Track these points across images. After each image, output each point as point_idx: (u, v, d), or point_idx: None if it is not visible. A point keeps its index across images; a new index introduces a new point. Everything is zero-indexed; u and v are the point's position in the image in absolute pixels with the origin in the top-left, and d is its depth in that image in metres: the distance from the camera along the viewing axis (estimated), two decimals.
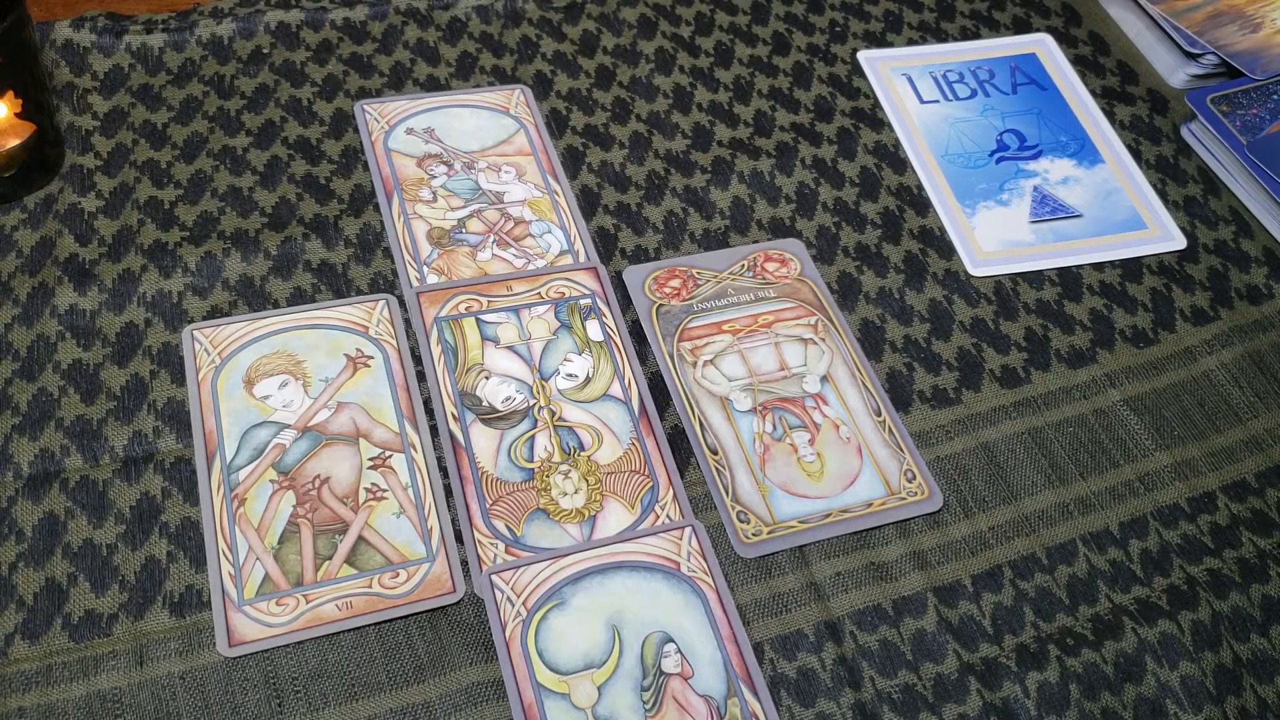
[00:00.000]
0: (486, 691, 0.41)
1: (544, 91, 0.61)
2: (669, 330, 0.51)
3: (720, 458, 0.48)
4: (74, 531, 0.43)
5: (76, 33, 0.58)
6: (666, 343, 0.51)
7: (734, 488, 0.47)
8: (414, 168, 0.56)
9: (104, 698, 0.40)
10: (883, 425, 0.50)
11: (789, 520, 0.47)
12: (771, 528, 0.46)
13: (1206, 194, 0.61)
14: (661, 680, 0.42)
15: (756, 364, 0.51)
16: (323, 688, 0.41)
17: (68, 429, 0.46)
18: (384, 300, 0.51)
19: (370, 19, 0.62)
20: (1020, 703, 0.43)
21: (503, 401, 0.48)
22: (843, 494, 0.48)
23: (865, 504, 0.47)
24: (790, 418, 0.50)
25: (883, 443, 0.50)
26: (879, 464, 0.49)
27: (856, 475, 0.48)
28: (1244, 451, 0.51)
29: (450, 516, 0.45)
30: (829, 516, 0.47)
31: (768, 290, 0.54)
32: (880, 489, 0.48)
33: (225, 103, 0.58)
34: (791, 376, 0.51)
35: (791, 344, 0.52)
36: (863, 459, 0.49)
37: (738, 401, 0.50)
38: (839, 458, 0.49)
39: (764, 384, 0.51)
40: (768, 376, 0.51)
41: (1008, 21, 0.69)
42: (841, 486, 0.48)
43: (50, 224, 0.51)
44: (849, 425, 0.50)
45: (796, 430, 0.49)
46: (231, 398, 0.47)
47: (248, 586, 0.42)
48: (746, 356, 0.51)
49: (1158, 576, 0.47)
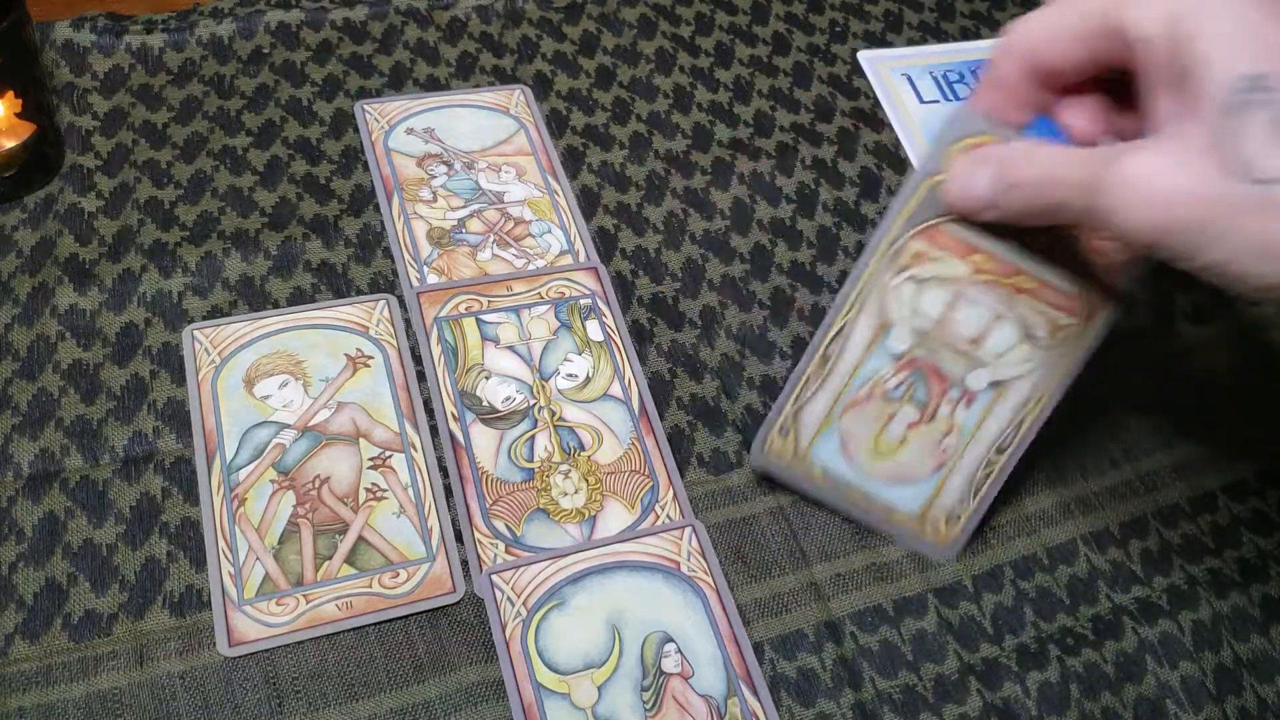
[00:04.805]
0: (486, 691, 0.41)
1: (544, 91, 0.61)
2: (923, 214, 0.42)
3: (824, 367, 0.42)
4: (74, 531, 0.43)
5: (76, 33, 0.58)
6: (907, 223, 0.41)
7: (804, 400, 0.43)
8: (414, 168, 0.56)
9: (104, 698, 0.40)
10: (988, 467, 0.45)
11: (817, 468, 0.44)
12: (797, 460, 0.44)
13: None
14: (661, 680, 0.42)
15: (958, 317, 0.43)
16: (323, 688, 0.41)
17: (68, 429, 0.46)
18: (384, 300, 0.51)
19: (370, 19, 0.62)
20: (1020, 703, 0.43)
21: (503, 401, 0.48)
22: (882, 486, 0.45)
23: (889, 509, 0.45)
24: (922, 392, 0.43)
25: (967, 479, 0.45)
26: (941, 491, 0.45)
27: (912, 482, 0.45)
28: (1244, 451, 0.51)
29: (450, 516, 0.45)
30: (850, 494, 0.45)
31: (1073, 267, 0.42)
32: (915, 508, 0.45)
33: (225, 103, 0.58)
34: (971, 357, 0.43)
35: (1011, 326, 0.43)
36: (933, 477, 0.45)
37: (897, 337, 0.43)
38: (917, 457, 0.45)
39: (941, 343, 0.42)
40: (952, 339, 0.43)
41: (1007, 21, 0.69)
42: (889, 480, 0.45)
43: (50, 224, 0.51)
44: (959, 440, 0.44)
45: (911, 404, 0.43)
46: (231, 398, 0.47)
47: (248, 586, 0.42)
48: (957, 302, 0.42)
49: (1158, 576, 0.47)
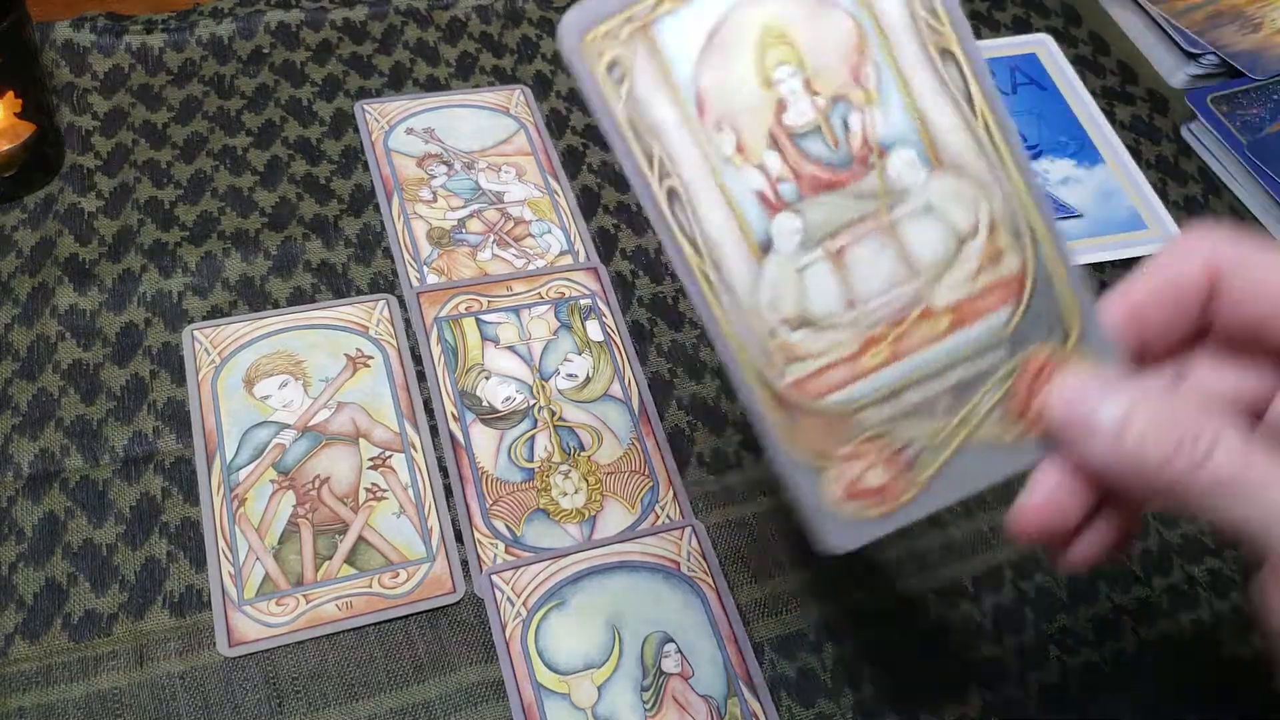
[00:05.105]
0: (486, 691, 0.41)
1: (544, 91, 0.61)
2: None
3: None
4: (74, 531, 0.43)
5: (76, 33, 0.58)
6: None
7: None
8: (414, 168, 0.56)
9: (104, 698, 0.40)
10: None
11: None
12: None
13: (1206, 194, 0.61)
14: (661, 680, 0.42)
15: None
16: (323, 688, 0.41)
17: (68, 429, 0.46)
18: (384, 300, 0.51)
19: (370, 19, 0.62)
20: (1021, 703, 0.43)
21: (503, 401, 0.48)
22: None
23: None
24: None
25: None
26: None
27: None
28: None
29: (450, 516, 0.45)
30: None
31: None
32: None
33: (225, 103, 0.58)
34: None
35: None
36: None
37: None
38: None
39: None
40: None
41: (1008, 21, 0.69)
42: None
43: (50, 224, 0.51)
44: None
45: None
46: (231, 398, 0.47)
47: (248, 586, 0.42)
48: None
49: (1158, 576, 0.47)
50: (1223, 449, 0.24)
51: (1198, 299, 0.28)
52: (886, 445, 0.28)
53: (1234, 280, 0.28)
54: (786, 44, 0.27)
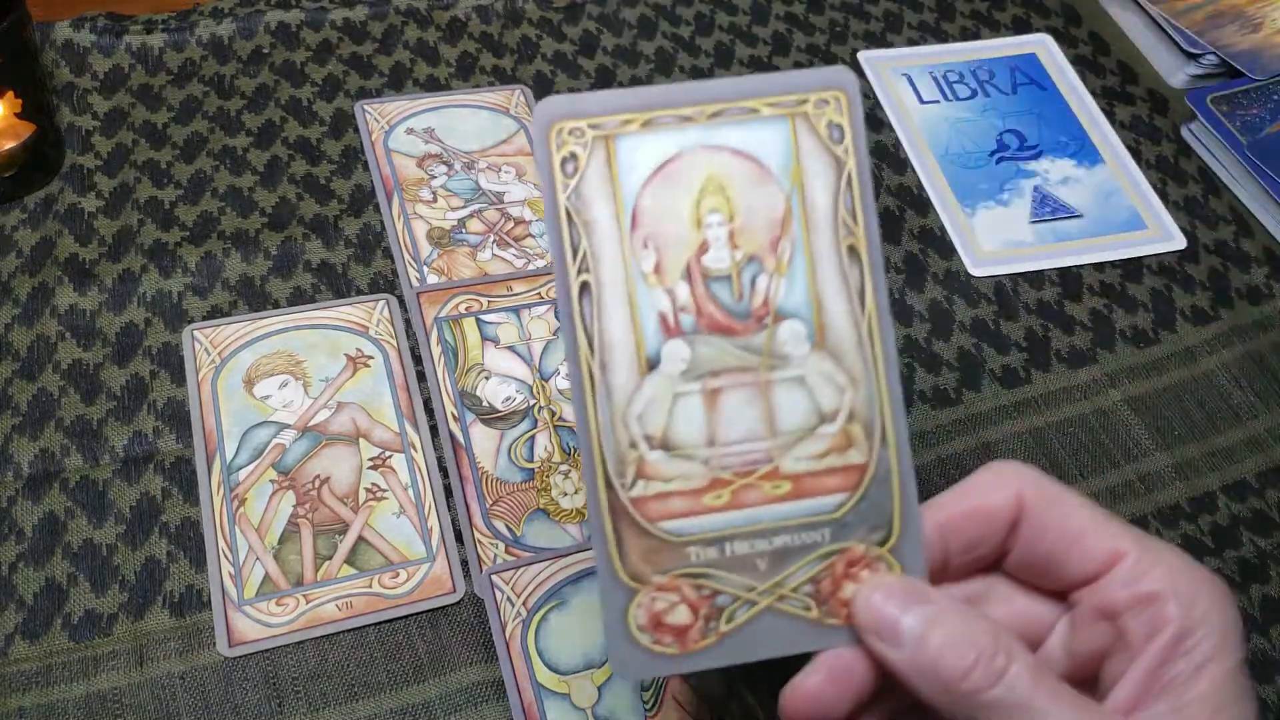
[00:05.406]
0: (486, 691, 0.41)
1: (544, 91, 0.61)
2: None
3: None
4: (74, 531, 0.43)
5: (76, 33, 0.58)
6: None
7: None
8: (414, 168, 0.56)
9: (104, 698, 0.40)
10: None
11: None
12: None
13: (1206, 194, 0.61)
14: (662, 680, 0.42)
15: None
16: (323, 688, 0.41)
17: (68, 429, 0.46)
18: (384, 300, 0.51)
19: (370, 19, 0.62)
20: None
21: (503, 401, 0.48)
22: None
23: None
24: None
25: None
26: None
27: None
28: (1244, 451, 0.51)
29: (450, 516, 0.45)
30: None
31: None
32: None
33: (225, 103, 0.58)
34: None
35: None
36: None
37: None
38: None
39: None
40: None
41: (1008, 21, 0.69)
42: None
43: (50, 224, 0.51)
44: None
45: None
46: (231, 398, 0.47)
47: (248, 586, 0.42)
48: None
49: None
50: (1014, 671, 0.26)
51: (1004, 526, 0.30)
52: (700, 587, 0.29)
53: (1034, 516, 0.29)
54: (724, 196, 0.29)
